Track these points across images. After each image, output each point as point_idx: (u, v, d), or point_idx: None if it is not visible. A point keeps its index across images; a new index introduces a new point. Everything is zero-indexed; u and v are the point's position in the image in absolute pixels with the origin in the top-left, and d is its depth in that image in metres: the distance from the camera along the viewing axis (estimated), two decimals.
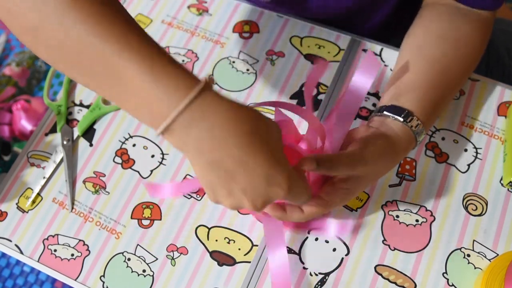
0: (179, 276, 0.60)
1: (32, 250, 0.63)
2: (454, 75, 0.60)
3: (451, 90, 0.61)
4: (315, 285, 0.59)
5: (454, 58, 0.60)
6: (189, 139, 0.39)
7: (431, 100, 0.57)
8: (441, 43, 0.60)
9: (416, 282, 0.58)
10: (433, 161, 0.64)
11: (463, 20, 0.62)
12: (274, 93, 0.69)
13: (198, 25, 0.75)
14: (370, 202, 0.62)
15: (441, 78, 0.58)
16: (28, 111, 1.38)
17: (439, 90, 0.58)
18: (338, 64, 0.71)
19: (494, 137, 0.66)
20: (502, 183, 0.63)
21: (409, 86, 0.58)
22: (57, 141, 0.69)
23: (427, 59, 0.59)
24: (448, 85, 0.60)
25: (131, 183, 0.65)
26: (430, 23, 0.63)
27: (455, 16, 0.62)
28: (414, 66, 0.59)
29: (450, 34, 0.61)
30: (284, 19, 0.74)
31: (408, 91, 0.57)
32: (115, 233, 0.63)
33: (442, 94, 0.59)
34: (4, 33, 1.63)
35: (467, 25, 0.61)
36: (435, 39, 0.60)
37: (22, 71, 1.52)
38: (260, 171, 0.40)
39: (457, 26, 0.61)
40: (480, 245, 0.60)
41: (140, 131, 0.69)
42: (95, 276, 0.61)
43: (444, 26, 0.61)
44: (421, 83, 0.58)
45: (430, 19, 0.63)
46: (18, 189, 0.67)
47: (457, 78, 0.61)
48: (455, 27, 0.61)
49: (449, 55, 0.60)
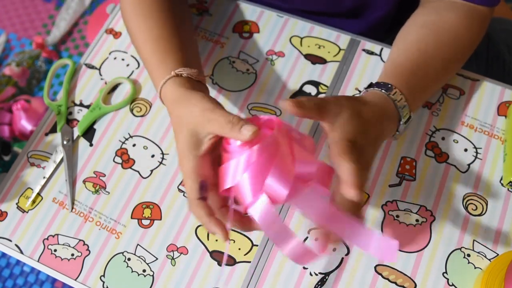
0: (179, 276, 0.60)
1: (32, 250, 0.63)
2: (436, 58, 0.61)
3: (435, 73, 0.61)
4: (315, 285, 0.59)
5: (434, 43, 0.61)
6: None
7: (413, 77, 0.58)
8: (422, 30, 0.62)
9: (416, 282, 0.58)
10: (433, 161, 0.64)
11: (454, 12, 0.63)
12: (274, 93, 0.69)
13: (198, 25, 0.75)
14: (370, 202, 0.62)
15: (422, 59, 0.60)
16: (28, 111, 1.38)
17: (421, 69, 0.59)
18: (338, 64, 0.71)
19: (494, 137, 0.66)
20: (502, 183, 0.63)
21: (391, 67, 0.60)
22: (57, 141, 0.69)
23: (409, 44, 0.61)
24: (430, 66, 0.60)
25: (131, 183, 0.66)
26: (418, 16, 0.65)
27: (446, 10, 0.63)
28: (398, 50, 0.62)
29: (433, 22, 0.63)
30: (284, 18, 0.74)
31: (391, 71, 0.59)
32: (115, 233, 0.63)
33: (425, 73, 0.59)
34: (4, 33, 1.63)
35: (456, 15, 0.63)
36: (417, 27, 0.63)
37: (22, 71, 1.52)
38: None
39: (443, 16, 0.63)
40: (480, 245, 0.60)
41: (140, 131, 0.69)
42: (95, 276, 0.61)
43: (429, 18, 0.63)
44: (402, 62, 0.59)
45: (422, 12, 0.65)
46: (18, 189, 0.67)
47: (440, 60, 0.61)
48: (440, 17, 0.63)
49: (428, 40, 0.61)
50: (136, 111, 0.70)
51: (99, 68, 0.74)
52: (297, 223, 0.62)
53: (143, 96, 0.71)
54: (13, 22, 1.66)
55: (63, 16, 1.62)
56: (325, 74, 0.70)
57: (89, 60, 0.74)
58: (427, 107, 0.67)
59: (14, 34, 1.64)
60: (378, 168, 0.64)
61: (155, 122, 0.69)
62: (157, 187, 0.65)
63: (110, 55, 0.74)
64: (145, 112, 0.70)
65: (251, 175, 0.45)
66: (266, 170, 0.45)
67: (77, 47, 1.61)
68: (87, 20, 1.64)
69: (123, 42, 0.75)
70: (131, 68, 0.73)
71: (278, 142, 0.46)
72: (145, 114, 0.70)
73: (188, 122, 0.50)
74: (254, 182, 0.45)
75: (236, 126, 0.46)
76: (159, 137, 0.68)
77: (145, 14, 0.61)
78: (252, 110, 0.69)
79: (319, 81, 0.70)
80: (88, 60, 0.74)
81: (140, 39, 0.61)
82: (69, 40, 1.62)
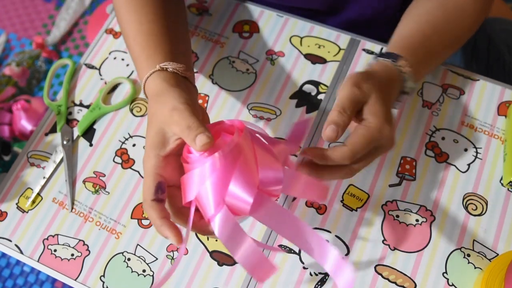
0: (179, 276, 0.60)
1: (32, 250, 0.63)
2: (443, 30, 0.61)
3: (442, 46, 0.62)
4: (315, 285, 0.59)
5: (443, 16, 0.61)
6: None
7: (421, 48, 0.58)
8: (428, 4, 0.63)
9: (416, 282, 0.58)
10: (433, 161, 0.64)
11: None
12: (274, 93, 0.69)
13: (198, 25, 0.75)
14: (370, 202, 0.62)
15: (431, 31, 0.60)
16: (28, 111, 1.38)
17: (429, 40, 0.60)
18: (338, 63, 0.71)
19: (494, 136, 0.66)
20: (502, 183, 0.63)
21: (398, 38, 0.60)
22: (57, 141, 0.69)
23: (417, 17, 0.62)
24: (438, 39, 0.61)
25: (131, 183, 0.65)
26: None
27: None
28: (404, 24, 0.62)
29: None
30: (284, 18, 0.74)
31: (397, 41, 0.59)
32: (115, 233, 0.63)
33: (432, 44, 0.60)
34: (4, 33, 1.63)
35: None
36: (423, 2, 0.63)
37: (22, 71, 1.52)
38: None
39: None
40: (480, 245, 0.60)
41: (140, 131, 0.69)
42: (95, 276, 0.61)
43: None
44: (412, 32, 0.60)
45: None
46: (18, 189, 0.67)
47: (447, 34, 0.62)
48: None
49: (437, 13, 0.62)
50: (136, 111, 0.70)
51: (99, 68, 0.74)
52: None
53: (143, 96, 0.71)
54: (13, 22, 1.66)
55: (63, 16, 1.62)
56: (325, 74, 0.70)
57: (89, 60, 0.74)
58: (427, 107, 0.67)
59: (14, 34, 1.64)
60: (378, 168, 0.64)
61: None
62: None
63: (110, 55, 0.74)
64: (145, 112, 0.70)
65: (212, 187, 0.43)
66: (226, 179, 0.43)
67: (77, 47, 1.61)
68: (87, 20, 1.64)
69: (123, 42, 0.75)
70: (131, 68, 0.73)
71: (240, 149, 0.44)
72: (145, 114, 0.70)
73: (157, 120, 0.48)
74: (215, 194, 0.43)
75: (193, 133, 0.45)
76: None
77: (136, 7, 0.60)
78: (252, 110, 0.69)
79: (319, 81, 0.70)
80: (88, 60, 0.74)
81: (130, 33, 0.59)
82: (69, 40, 1.62)
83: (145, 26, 0.58)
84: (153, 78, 0.53)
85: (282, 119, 0.68)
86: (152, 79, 0.53)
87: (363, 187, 0.63)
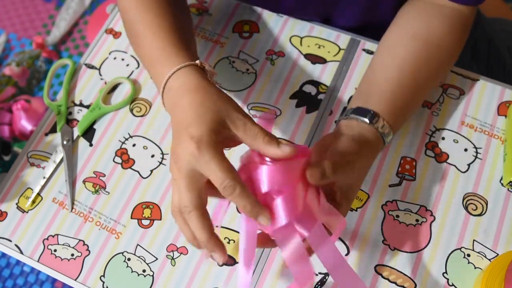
0: (179, 276, 0.60)
1: (32, 250, 0.63)
2: (424, 77, 0.59)
3: (421, 92, 0.60)
4: (315, 285, 0.59)
5: (424, 60, 0.59)
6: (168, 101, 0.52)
7: (399, 101, 0.57)
8: (412, 44, 0.59)
9: (416, 282, 0.58)
10: (433, 161, 0.64)
11: (440, 19, 0.60)
12: (274, 93, 0.69)
13: (198, 25, 0.75)
14: (370, 202, 0.62)
15: (410, 80, 0.58)
16: (28, 111, 1.38)
17: (408, 92, 0.58)
18: (338, 63, 0.71)
19: (494, 136, 0.66)
20: (502, 183, 0.63)
21: (376, 88, 0.58)
22: (57, 141, 0.69)
23: (397, 60, 0.59)
24: (418, 87, 0.59)
25: (131, 183, 0.65)
26: (405, 22, 0.62)
27: (432, 16, 0.61)
28: (383, 67, 0.59)
29: (423, 34, 0.60)
30: (284, 18, 0.74)
31: (376, 93, 0.57)
32: (115, 233, 0.63)
33: (411, 96, 0.58)
34: (4, 33, 1.63)
35: (442, 24, 0.60)
36: (406, 39, 0.60)
37: (22, 71, 1.52)
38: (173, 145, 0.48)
39: (431, 25, 0.60)
40: (480, 245, 0.60)
41: (140, 131, 0.69)
42: (95, 276, 0.61)
43: (418, 25, 0.61)
44: (389, 85, 0.57)
45: (407, 17, 0.63)
46: (18, 189, 0.67)
47: (427, 80, 0.60)
48: (429, 26, 0.60)
49: (419, 56, 0.59)
50: (136, 111, 0.70)
51: (99, 68, 0.74)
52: None
53: (143, 96, 0.71)
54: (13, 22, 1.66)
55: (63, 16, 1.62)
56: (325, 74, 0.70)
57: (89, 60, 0.74)
58: (427, 107, 0.67)
59: (14, 34, 1.64)
60: (378, 168, 0.64)
61: (155, 122, 0.69)
62: (157, 187, 0.65)
63: (110, 55, 0.74)
64: (145, 112, 0.70)
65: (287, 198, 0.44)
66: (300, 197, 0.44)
67: (77, 47, 1.61)
68: (87, 20, 1.64)
69: (123, 42, 0.75)
70: (131, 68, 0.73)
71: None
72: (145, 114, 0.70)
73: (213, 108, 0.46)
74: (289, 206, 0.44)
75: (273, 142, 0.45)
76: (159, 137, 0.68)
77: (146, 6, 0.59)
78: (252, 110, 0.69)
79: (319, 81, 0.70)
80: (88, 60, 0.74)
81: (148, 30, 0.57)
82: (69, 40, 1.62)
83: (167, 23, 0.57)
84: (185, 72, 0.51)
85: (282, 119, 0.68)
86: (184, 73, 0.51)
87: (363, 187, 0.63)
